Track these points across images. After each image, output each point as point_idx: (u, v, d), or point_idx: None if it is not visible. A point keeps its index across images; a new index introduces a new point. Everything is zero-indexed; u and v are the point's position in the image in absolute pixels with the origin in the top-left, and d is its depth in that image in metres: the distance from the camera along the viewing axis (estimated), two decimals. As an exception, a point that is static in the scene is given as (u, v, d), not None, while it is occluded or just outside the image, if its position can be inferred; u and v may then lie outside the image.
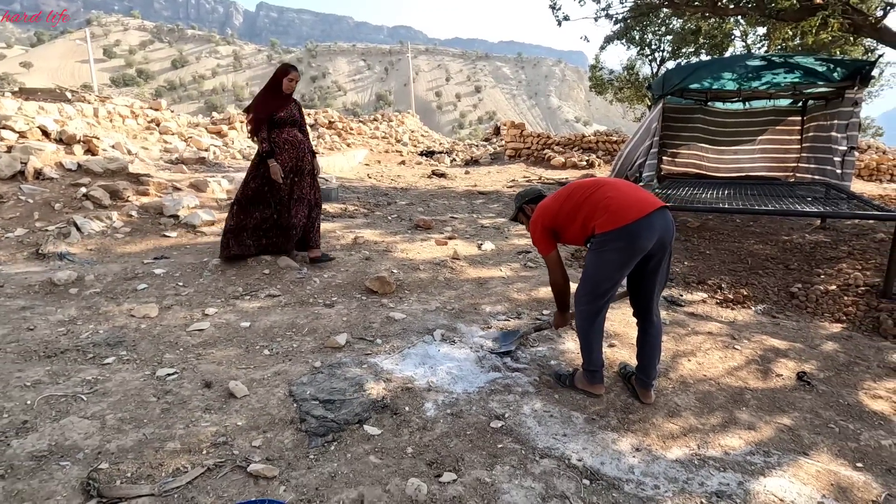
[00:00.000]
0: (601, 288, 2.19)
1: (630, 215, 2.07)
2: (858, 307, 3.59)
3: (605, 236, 2.11)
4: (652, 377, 2.34)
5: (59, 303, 3.15)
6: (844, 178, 6.71)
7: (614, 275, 2.14)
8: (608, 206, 2.12)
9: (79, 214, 4.37)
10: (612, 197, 2.14)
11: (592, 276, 2.19)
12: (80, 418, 2.04)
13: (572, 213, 2.24)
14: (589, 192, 2.21)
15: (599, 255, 2.15)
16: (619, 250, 2.09)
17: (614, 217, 2.08)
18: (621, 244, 2.08)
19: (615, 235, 2.08)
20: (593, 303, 2.23)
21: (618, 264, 2.12)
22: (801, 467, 1.95)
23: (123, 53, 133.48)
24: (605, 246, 2.12)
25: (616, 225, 2.07)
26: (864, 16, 7.78)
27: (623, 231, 2.06)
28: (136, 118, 7.47)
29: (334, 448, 1.94)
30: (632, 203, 2.10)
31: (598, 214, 2.14)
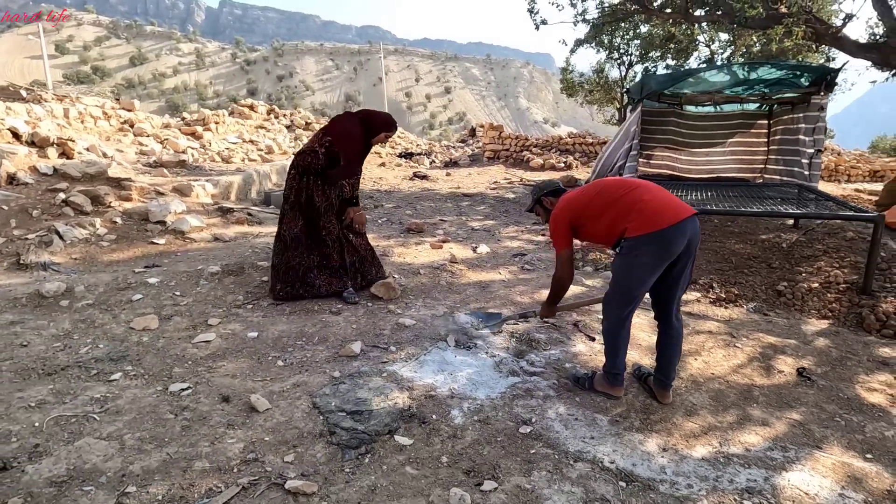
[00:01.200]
0: (633, 292, 2.23)
1: (664, 220, 2.11)
2: (842, 304, 3.79)
3: (637, 240, 2.15)
4: (671, 378, 2.41)
5: (51, 316, 2.99)
6: (812, 178, 7.07)
7: (646, 278, 2.19)
8: (643, 209, 2.16)
9: (59, 221, 4.15)
10: (646, 201, 2.17)
11: (624, 280, 2.23)
12: (97, 439, 1.94)
13: (601, 210, 2.27)
14: (622, 193, 2.24)
15: (631, 259, 2.18)
16: (651, 254, 2.14)
17: (649, 221, 2.12)
18: (654, 248, 2.13)
19: (648, 240, 2.12)
20: (624, 307, 2.27)
21: (650, 268, 2.16)
22: (817, 461, 2.04)
23: (77, 50, 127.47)
24: (637, 250, 2.16)
25: (650, 229, 2.11)
26: (825, 25, 8.21)
27: (656, 236, 2.11)
28: (109, 119, 7.15)
29: (368, 460, 1.91)
30: (667, 208, 2.15)
31: (632, 217, 2.17)
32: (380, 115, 3.43)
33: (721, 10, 8.95)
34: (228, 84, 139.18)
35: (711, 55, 15.59)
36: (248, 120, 12.10)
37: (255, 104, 13.22)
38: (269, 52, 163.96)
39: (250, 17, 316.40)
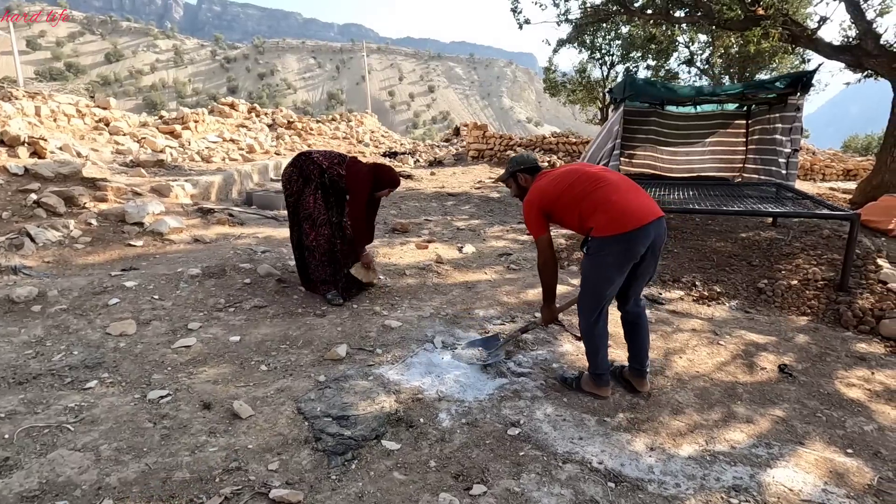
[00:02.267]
0: (602, 291, 2.26)
1: (629, 223, 2.14)
2: (820, 300, 3.87)
3: (603, 241, 2.18)
4: (646, 365, 2.45)
5: (22, 322, 2.88)
6: (789, 178, 7.23)
7: (614, 278, 2.22)
8: (609, 209, 2.17)
9: (31, 223, 4.01)
10: (614, 201, 2.18)
11: (592, 279, 2.26)
12: (71, 451, 1.87)
13: (570, 204, 2.27)
14: (592, 188, 2.24)
15: (597, 259, 2.22)
16: (616, 255, 2.17)
17: (614, 223, 2.15)
18: (618, 249, 2.16)
19: (613, 241, 2.16)
20: (595, 307, 2.30)
21: (616, 268, 2.20)
22: (800, 457, 2.07)
23: (50, 45, 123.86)
24: (602, 250, 2.19)
25: (615, 231, 2.14)
26: (801, 27, 8.39)
27: (621, 238, 2.14)
28: (83, 117, 6.93)
29: (355, 466, 1.88)
30: (633, 210, 2.17)
31: (598, 216, 2.19)
32: (389, 172, 3.58)
33: (700, 11, 9.08)
34: (208, 82, 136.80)
35: (691, 56, 15.85)
36: (229, 119, 11.89)
37: (235, 103, 13.00)
38: (250, 50, 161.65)
39: (230, 13, 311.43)
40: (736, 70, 14.71)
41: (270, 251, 4.42)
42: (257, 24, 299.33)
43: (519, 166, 2.55)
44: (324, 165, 3.45)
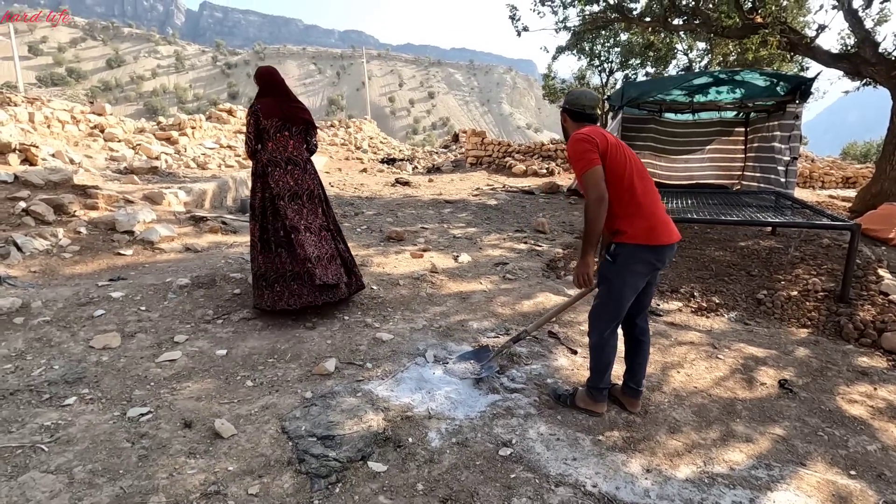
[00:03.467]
0: (625, 301, 2.19)
1: (665, 237, 2.10)
2: (820, 312, 3.80)
3: (636, 249, 2.09)
4: (642, 385, 2.39)
5: (3, 335, 2.81)
6: (788, 186, 7.18)
7: (638, 287, 2.17)
8: (650, 218, 2.09)
9: (18, 232, 3.94)
10: (655, 212, 2.11)
11: (617, 288, 2.16)
12: (43, 473, 1.80)
13: (622, 181, 2.08)
14: (639, 186, 2.10)
15: (626, 267, 2.12)
16: (645, 265, 2.12)
17: (653, 233, 2.08)
18: (648, 260, 2.10)
19: (647, 251, 2.09)
20: (615, 319, 2.23)
21: (641, 278, 2.15)
22: (802, 479, 2.00)
23: (52, 51, 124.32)
24: (634, 258, 2.11)
25: (652, 241, 2.09)
26: (799, 35, 8.38)
27: (655, 250, 2.09)
28: (78, 123, 6.89)
29: (339, 490, 1.81)
30: (668, 225, 2.14)
31: (639, 221, 2.08)
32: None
33: (699, 19, 9.09)
34: (209, 87, 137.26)
35: (689, 63, 15.87)
36: (227, 125, 11.86)
37: (233, 108, 12.97)
38: (251, 56, 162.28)
39: (231, 20, 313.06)
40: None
41: (262, 260, 4.36)
42: (258, 31, 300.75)
43: (567, 105, 2.24)
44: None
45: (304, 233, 3.23)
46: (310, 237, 3.26)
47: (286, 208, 3.21)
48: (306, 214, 3.30)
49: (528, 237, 6.11)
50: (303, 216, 3.28)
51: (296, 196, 3.27)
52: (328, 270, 3.25)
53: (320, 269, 3.20)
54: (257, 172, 3.27)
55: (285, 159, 3.27)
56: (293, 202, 3.26)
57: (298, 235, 3.20)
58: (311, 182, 3.36)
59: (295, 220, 3.23)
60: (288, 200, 3.24)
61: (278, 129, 3.26)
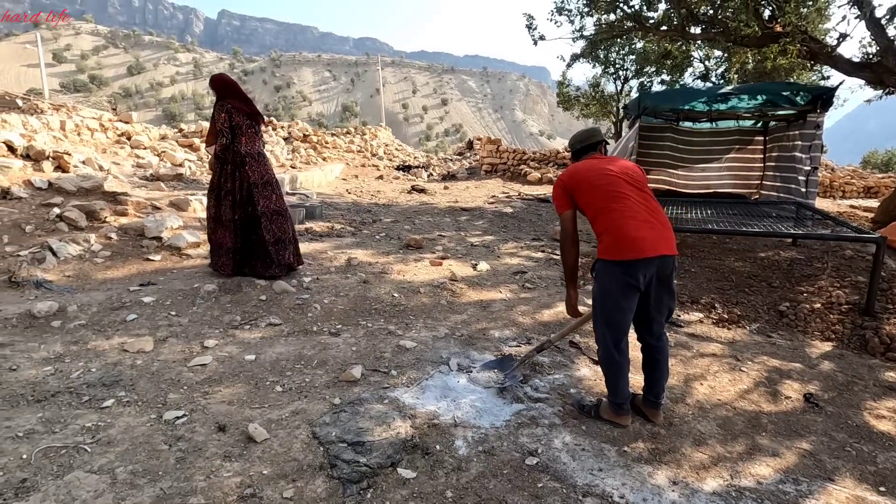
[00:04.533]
0: (612, 317, 2.22)
1: (630, 251, 2.11)
2: (845, 325, 3.76)
3: (605, 264, 2.19)
4: (661, 397, 2.40)
5: (42, 338, 2.91)
6: (809, 196, 7.10)
7: (621, 304, 2.19)
8: (616, 232, 2.15)
9: (53, 237, 4.08)
10: (624, 226, 2.14)
11: (598, 304, 2.24)
12: (87, 473, 1.87)
13: (587, 205, 2.27)
14: (608, 202, 2.21)
15: (601, 283, 2.22)
16: (615, 281, 2.16)
17: (615, 248, 2.14)
18: (617, 275, 2.15)
19: (612, 265, 2.16)
20: (609, 334, 2.25)
21: (619, 295, 2.17)
22: (831, 495, 1.99)
23: (75, 58, 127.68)
24: (604, 274, 2.20)
25: (614, 256, 2.14)
26: (820, 44, 8.31)
27: (625, 265, 2.13)
28: (106, 131, 7.09)
29: (371, 495, 1.85)
30: (639, 239, 2.13)
31: (605, 236, 2.18)
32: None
33: (717, 28, 9.06)
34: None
35: (707, 71, 15.78)
36: (246, 132, 12.06)
37: (252, 116, 13.19)
38: (267, 63, 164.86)
39: (248, 27, 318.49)
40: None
41: (286, 267, 4.44)
42: (275, 38, 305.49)
43: (571, 144, 2.56)
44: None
45: (269, 217, 3.96)
46: (268, 224, 3.95)
47: (259, 195, 3.90)
48: (273, 199, 4.00)
49: (546, 245, 6.13)
50: (271, 201, 3.98)
51: (266, 184, 3.95)
52: (285, 252, 4.05)
53: (278, 249, 3.99)
54: (235, 162, 3.83)
55: (256, 152, 3.90)
56: (264, 189, 3.93)
57: (265, 222, 3.93)
58: (270, 172, 4.02)
59: (264, 206, 3.93)
60: (261, 188, 3.91)
61: (249, 126, 3.86)
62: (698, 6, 9.11)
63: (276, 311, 3.51)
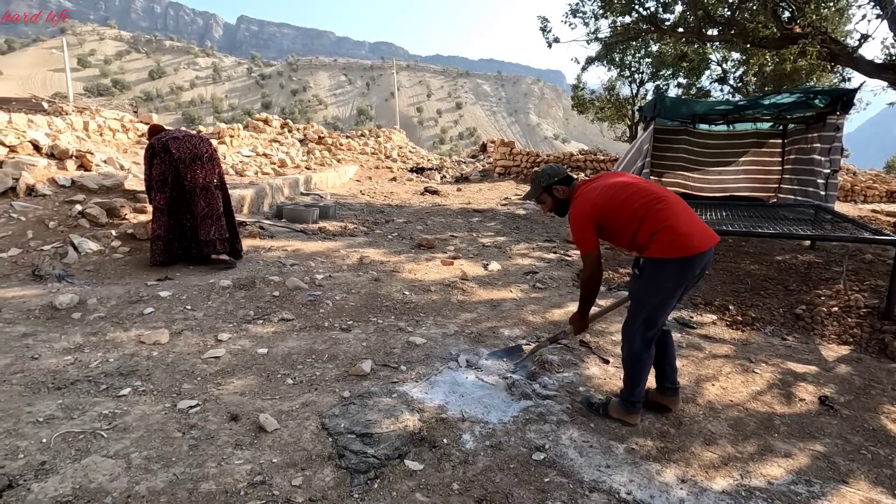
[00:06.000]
0: (658, 317, 2.19)
1: (692, 246, 2.08)
2: (863, 329, 3.68)
3: (661, 263, 2.11)
4: (678, 382, 2.44)
5: (63, 329, 3.00)
6: (828, 199, 6.96)
7: (669, 302, 2.16)
8: (672, 230, 2.09)
9: (75, 233, 4.20)
10: (677, 223, 2.11)
11: (645, 304, 2.18)
12: (103, 457, 1.92)
13: (629, 221, 2.15)
14: (653, 206, 2.14)
15: (653, 282, 2.14)
16: (674, 279, 2.11)
17: (676, 245, 2.08)
18: (677, 272, 2.10)
19: (674, 263, 2.09)
20: (648, 333, 2.23)
21: (671, 292, 2.14)
22: (844, 497, 1.96)
23: (98, 63, 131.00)
24: (659, 273, 2.12)
25: (676, 254, 2.08)
26: (840, 45, 8.16)
27: (682, 262, 2.09)
28: (127, 132, 7.28)
29: (378, 486, 1.87)
30: (695, 233, 2.12)
31: (661, 236, 2.10)
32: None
33: (734, 29, 8.95)
34: (243, 98, 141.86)
35: (724, 74, 15.58)
36: (262, 133, 12.26)
37: (269, 118, 13.41)
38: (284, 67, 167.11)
39: (266, 33, 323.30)
40: (771, 88, 14.37)
41: (299, 264, 4.51)
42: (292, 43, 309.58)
43: (553, 179, 2.37)
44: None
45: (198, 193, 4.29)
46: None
47: (186, 170, 4.26)
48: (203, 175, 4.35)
49: (558, 247, 6.12)
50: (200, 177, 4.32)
51: (195, 158, 4.30)
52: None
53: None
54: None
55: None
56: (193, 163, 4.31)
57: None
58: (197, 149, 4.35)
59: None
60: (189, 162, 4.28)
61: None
62: (715, 8, 9.02)
63: (289, 307, 3.56)
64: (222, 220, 4.32)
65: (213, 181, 4.30)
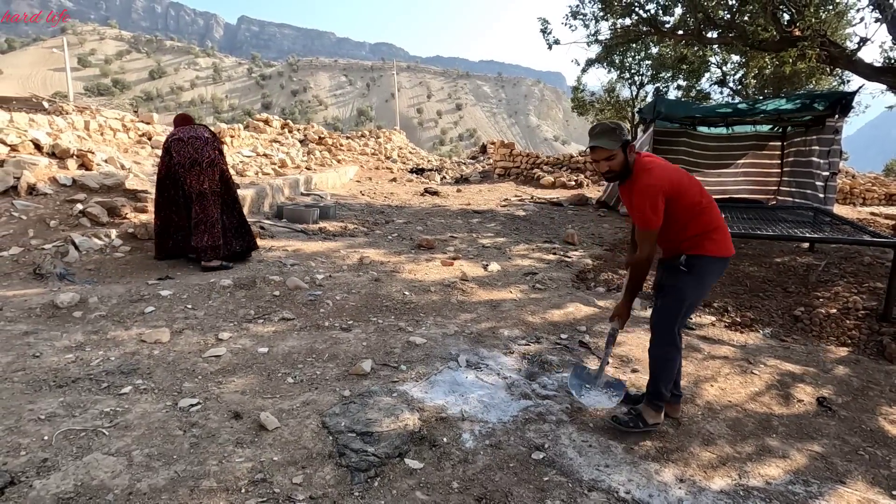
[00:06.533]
0: (691, 310, 2.26)
1: (731, 248, 2.19)
2: (861, 331, 3.70)
3: (713, 261, 2.15)
4: (681, 390, 2.46)
5: (64, 327, 3.01)
6: (827, 202, 6.99)
7: (705, 296, 2.24)
8: (723, 230, 2.17)
9: (76, 232, 4.21)
10: (724, 224, 2.20)
11: (690, 299, 2.20)
12: (105, 455, 1.93)
13: (689, 206, 2.10)
14: (707, 200, 2.16)
15: (701, 278, 2.18)
16: (717, 277, 2.21)
17: (725, 245, 2.17)
18: (720, 270, 2.20)
19: (722, 262, 2.18)
20: (680, 324, 2.26)
21: (708, 288, 2.23)
22: (841, 497, 1.97)
23: (99, 63, 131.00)
24: (710, 270, 2.17)
25: (725, 254, 2.16)
26: (840, 48, 8.19)
27: (727, 262, 2.20)
28: (128, 132, 7.28)
29: (378, 484, 1.88)
30: (728, 235, 2.22)
31: (716, 234, 2.15)
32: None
33: (734, 32, 8.98)
34: (244, 98, 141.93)
35: (723, 76, 15.62)
36: (263, 134, 12.28)
37: (269, 118, 13.42)
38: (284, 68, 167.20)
39: (267, 33, 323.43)
40: (770, 91, 14.41)
41: (299, 264, 4.52)
42: (293, 44, 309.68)
43: (627, 136, 2.10)
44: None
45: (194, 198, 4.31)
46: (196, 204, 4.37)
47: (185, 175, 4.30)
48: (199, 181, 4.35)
49: (557, 248, 6.13)
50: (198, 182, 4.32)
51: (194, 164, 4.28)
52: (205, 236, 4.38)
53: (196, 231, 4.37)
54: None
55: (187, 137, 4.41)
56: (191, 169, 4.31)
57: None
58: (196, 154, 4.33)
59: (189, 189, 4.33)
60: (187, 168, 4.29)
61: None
62: (715, 10, 9.04)
63: (289, 307, 3.57)
64: (217, 226, 4.27)
65: (212, 187, 4.27)
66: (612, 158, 2.10)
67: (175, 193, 4.25)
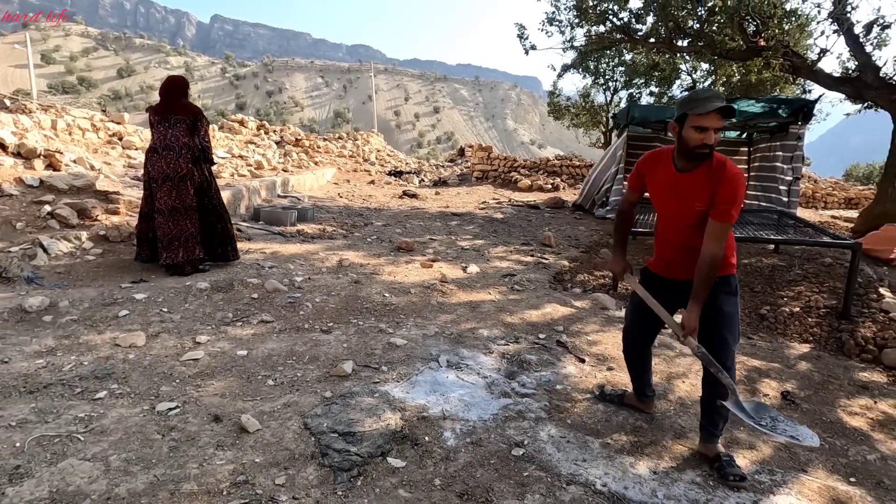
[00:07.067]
0: None
1: None
2: (822, 328, 3.89)
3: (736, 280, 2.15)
4: (653, 389, 2.56)
5: (34, 332, 2.92)
6: (791, 205, 7.30)
7: None
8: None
9: (44, 234, 4.08)
10: None
11: (737, 318, 2.18)
12: (81, 460, 1.89)
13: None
14: None
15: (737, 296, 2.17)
16: None
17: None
18: None
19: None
20: None
21: None
22: (803, 484, 2.08)
23: (64, 60, 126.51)
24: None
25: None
26: (801, 59, 8.57)
27: None
28: (98, 131, 7.08)
29: (361, 483, 1.90)
30: None
31: (734, 251, 2.16)
32: None
33: (703, 41, 9.30)
34: (217, 98, 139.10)
35: (693, 83, 16.12)
36: (238, 135, 12.09)
37: (245, 119, 13.22)
38: (259, 68, 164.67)
39: (241, 32, 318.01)
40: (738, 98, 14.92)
41: (278, 267, 4.48)
42: (268, 44, 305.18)
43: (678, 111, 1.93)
44: None
45: (164, 213, 4.00)
46: (162, 220, 4.01)
47: (157, 190, 3.99)
48: (173, 196, 4.01)
49: (535, 250, 6.23)
50: (170, 197, 3.99)
51: (166, 179, 3.97)
52: (178, 251, 4.05)
53: (168, 246, 4.03)
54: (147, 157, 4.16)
55: (160, 147, 4.00)
56: (163, 185, 3.98)
57: (159, 218, 4.02)
58: (175, 166, 4.00)
59: (161, 203, 3.99)
60: (160, 183, 3.97)
61: (158, 122, 4.05)
62: (685, 20, 9.35)
63: (268, 309, 3.54)
64: (192, 240, 4.06)
65: (185, 202, 4.02)
66: (718, 132, 1.89)
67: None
